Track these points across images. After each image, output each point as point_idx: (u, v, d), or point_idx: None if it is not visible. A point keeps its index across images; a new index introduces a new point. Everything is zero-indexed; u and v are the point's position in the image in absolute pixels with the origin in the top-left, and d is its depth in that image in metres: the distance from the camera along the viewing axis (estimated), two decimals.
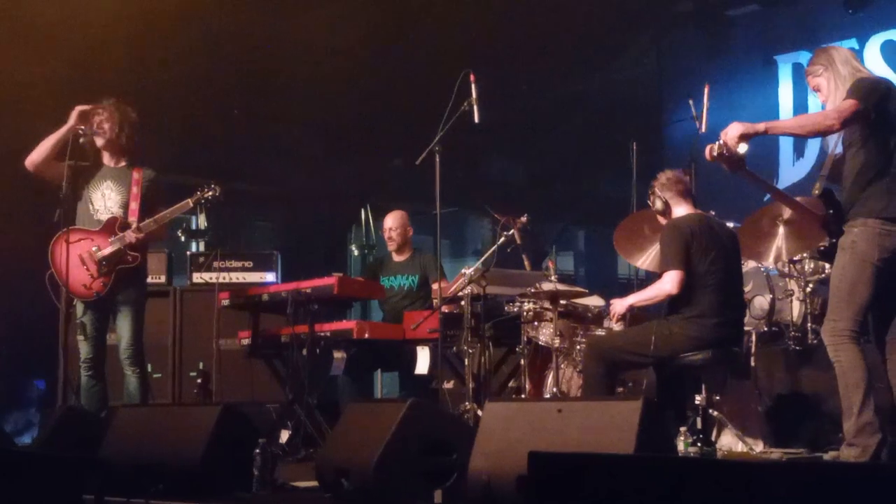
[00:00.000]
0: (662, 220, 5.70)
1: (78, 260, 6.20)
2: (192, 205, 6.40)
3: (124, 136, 6.40)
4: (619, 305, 5.72)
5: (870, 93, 4.64)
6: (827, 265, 6.04)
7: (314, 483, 4.74)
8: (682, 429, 5.28)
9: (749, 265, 6.39)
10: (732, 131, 4.63)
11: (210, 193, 6.42)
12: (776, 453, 5.78)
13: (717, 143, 4.66)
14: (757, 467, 2.67)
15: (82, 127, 6.27)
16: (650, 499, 2.67)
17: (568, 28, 9.85)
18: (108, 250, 6.23)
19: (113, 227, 6.28)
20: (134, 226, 6.25)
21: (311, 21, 9.14)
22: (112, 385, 6.45)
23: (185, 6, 8.43)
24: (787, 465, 3.01)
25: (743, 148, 4.66)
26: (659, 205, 5.65)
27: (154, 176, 6.46)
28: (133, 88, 8.12)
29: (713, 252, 5.46)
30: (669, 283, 5.43)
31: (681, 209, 5.63)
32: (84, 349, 6.27)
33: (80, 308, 6.25)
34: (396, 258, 7.73)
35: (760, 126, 4.66)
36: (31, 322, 7.87)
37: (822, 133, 4.83)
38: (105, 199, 6.36)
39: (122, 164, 6.44)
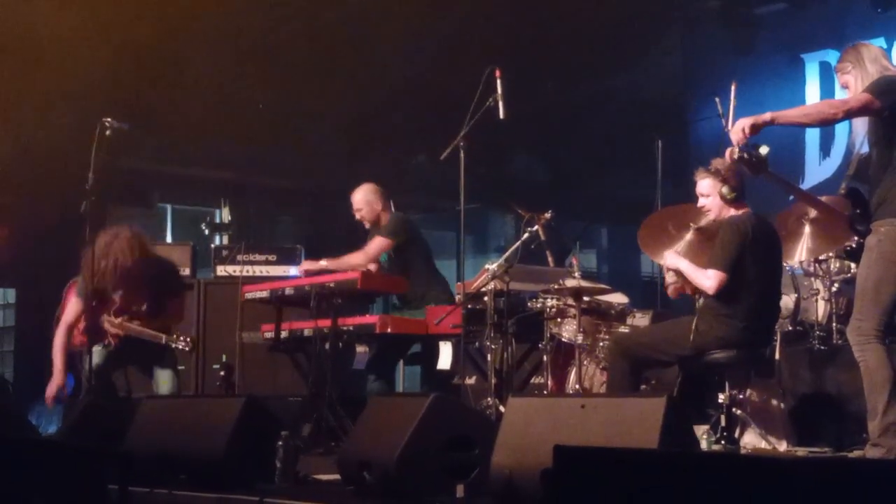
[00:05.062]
0: (717, 209, 5.50)
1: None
2: (163, 342, 6.37)
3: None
4: (671, 260, 5.63)
5: (888, 90, 4.58)
6: (853, 265, 6.00)
7: (336, 476, 4.76)
8: (706, 427, 5.25)
9: None
10: (738, 125, 4.58)
11: (182, 345, 6.39)
12: (800, 452, 5.75)
13: (736, 146, 4.61)
14: (782, 463, 2.66)
15: (109, 119, 6.31)
16: (675, 494, 2.66)
17: (594, 25, 9.84)
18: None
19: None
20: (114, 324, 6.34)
21: (335, 17, 9.15)
22: (140, 380, 6.51)
23: (211, 2, 8.47)
24: (813, 461, 3.00)
25: (764, 150, 4.62)
26: (728, 192, 5.43)
27: None
28: (160, 84, 8.19)
29: (764, 260, 5.38)
30: (711, 281, 5.32)
31: (743, 206, 5.51)
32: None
33: (97, 353, 6.33)
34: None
35: (767, 116, 4.60)
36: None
37: (825, 122, 4.80)
38: None
39: None
